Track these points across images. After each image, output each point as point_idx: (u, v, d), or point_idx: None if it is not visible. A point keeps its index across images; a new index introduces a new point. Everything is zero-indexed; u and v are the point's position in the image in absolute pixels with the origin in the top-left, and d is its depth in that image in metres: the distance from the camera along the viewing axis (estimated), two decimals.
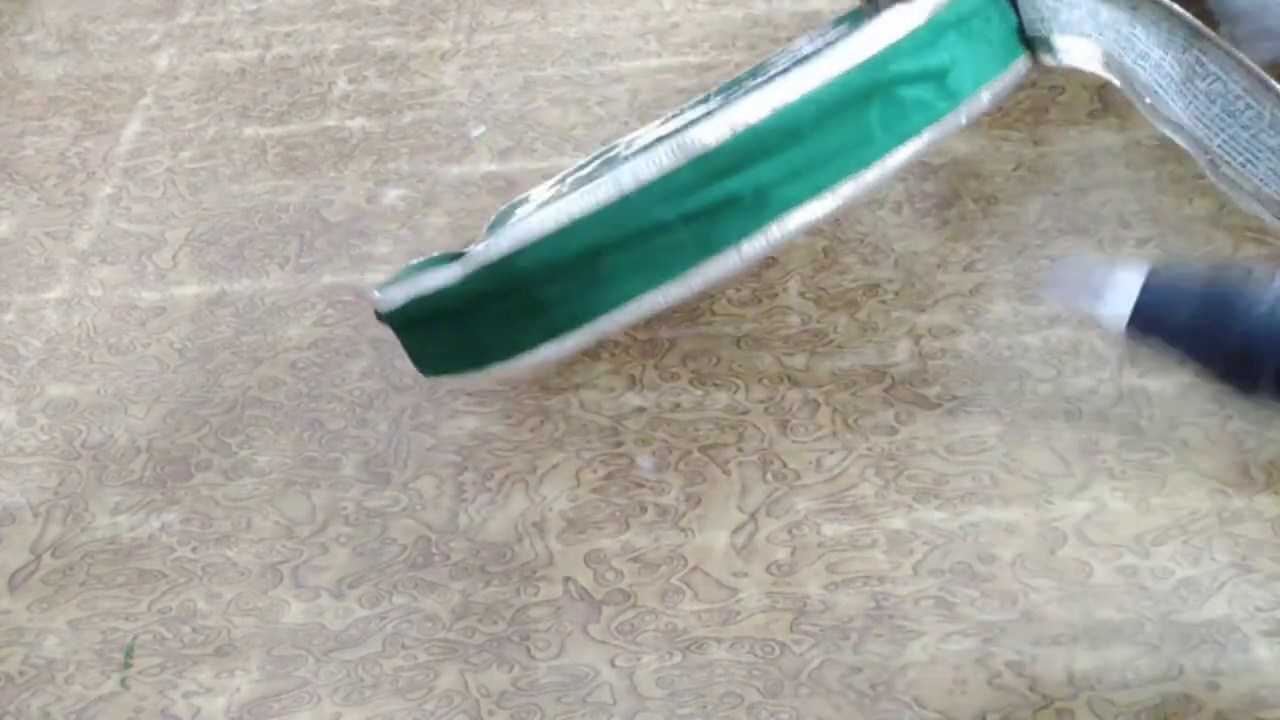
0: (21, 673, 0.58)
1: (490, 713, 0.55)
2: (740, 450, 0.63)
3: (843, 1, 0.66)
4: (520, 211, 0.69)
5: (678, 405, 0.65)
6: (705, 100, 0.71)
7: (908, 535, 0.58)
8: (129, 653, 0.58)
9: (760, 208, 0.49)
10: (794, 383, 0.65)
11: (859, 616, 0.56)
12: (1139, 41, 0.54)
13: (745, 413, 0.64)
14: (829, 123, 0.49)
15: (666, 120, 0.71)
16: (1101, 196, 0.71)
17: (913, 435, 0.62)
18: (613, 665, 0.56)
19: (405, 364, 0.68)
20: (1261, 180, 0.55)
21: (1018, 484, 0.59)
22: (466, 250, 0.66)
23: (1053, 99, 0.76)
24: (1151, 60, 0.54)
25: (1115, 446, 0.60)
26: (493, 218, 0.67)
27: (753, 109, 0.48)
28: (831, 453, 0.62)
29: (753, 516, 0.60)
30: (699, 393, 0.65)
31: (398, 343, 0.69)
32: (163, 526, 0.63)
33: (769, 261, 0.70)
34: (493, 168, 0.80)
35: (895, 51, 0.50)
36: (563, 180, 0.69)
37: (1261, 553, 0.56)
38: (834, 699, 0.53)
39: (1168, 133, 0.56)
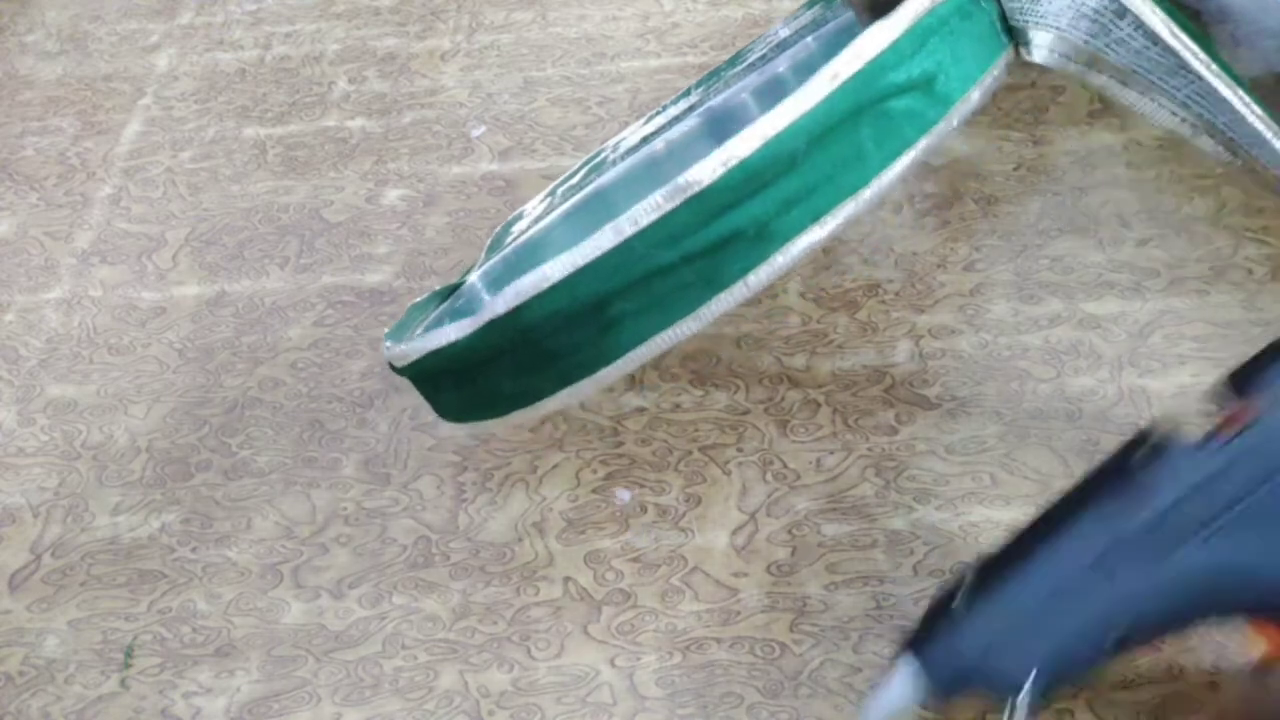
0: (21, 673, 0.58)
1: (490, 713, 0.55)
2: (740, 450, 0.63)
3: None
4: (516, 228, 0.68)
5: (678, 405, 0.65)
6: (686, 94, 0.71)
7: (908, 535, 0.58)
8: (129, 653, 0.58)
9: (762, 240, 0.49)
10: (794, 383, 0.65)
11: (859, 616, 0.56)
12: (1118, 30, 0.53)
13: (745, 413, 0.64)
14: (820, 148, 0.48)
15: (650, 119, 0.71)
16: (1101, 196, 0.71)
17: (913, 435, 0.62)
18: (613, 665, 0.56)
19: None
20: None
21: (1018, 484, 0.59)
22: (463, 279, 0.66)
23: (1053, 99, 0.76)
24: (1131, 48, 0.53)
25: (1115, 446, 0.60)
26: (489, 240, 0.67)
27: (742, 144, 0.47)
28: (831, 453, 0.62)
29: (753, 516, 0.60)
30: (699, 393, 0.65)
31: None
32: (163, 526, 0.63)
33: None
34: (493, 168, 0.80)
35: (879, 66, 0.49)
36: (553, 192, 0.69)
37: None
38: (834, 699, 0.53)
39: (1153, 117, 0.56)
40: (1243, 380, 0.43)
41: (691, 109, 0.71)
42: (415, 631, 0.58)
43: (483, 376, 0.54)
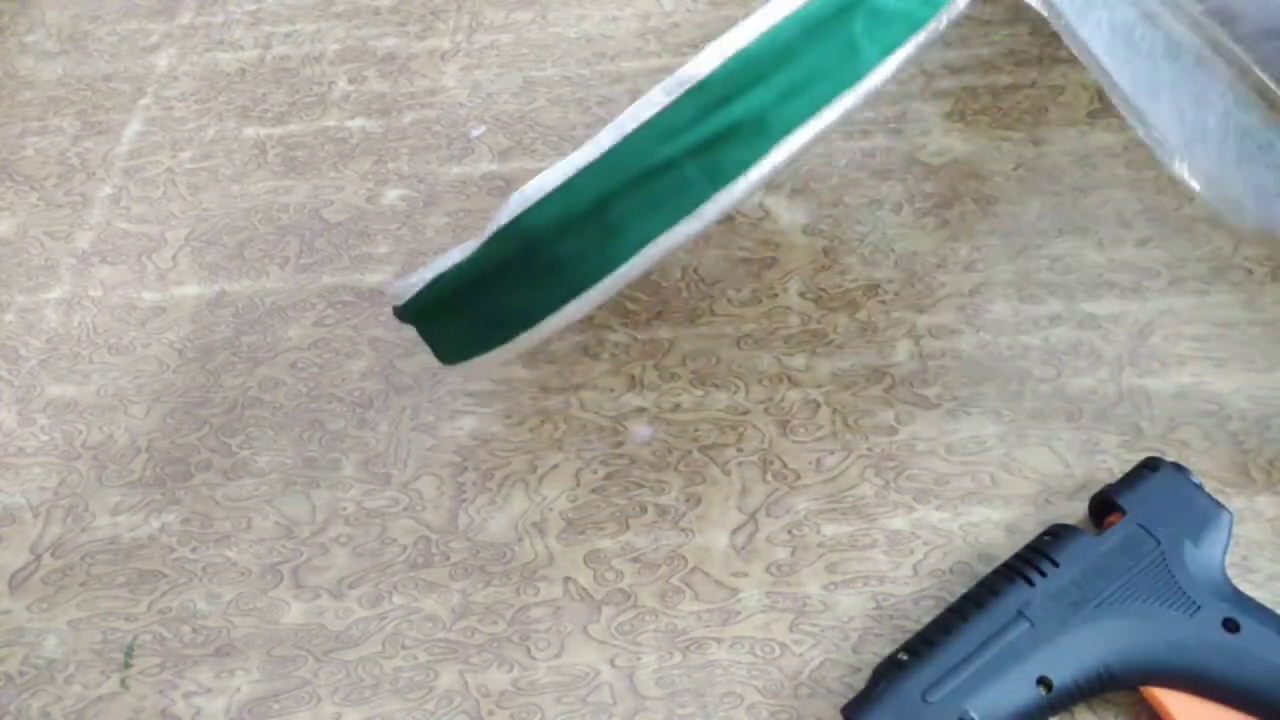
0: (21, 673, 0.58)
1: (490, 713, 0.55)
2: (740, 450, 0.63)
3: None
4: None
5: (678, 405, 0.65)
6: None
7: (908, 535, 0.58)
8: (129, 653, 0.58)
9: (761, 132, 0.48)
10: (794, 383, 0.65)
11: (859, 616, 0.56)
12: None
13: (745, 413, 0.64)
14: (815, 39, 0.48)
15: None
16: (1101, 196, 0.71)
17: (913, 435, 0.62)
18: (613, 665, 0.56)
19: (405, 364, 0.68)
20: (1162, 120, 0.54)
21: (1018, 484, 0.59)
22: None
23: (1053, 99, 0.76)
24: None
25: (1115, 446, 0.60)
26: None
27: (740, 35, 0.47)
28: (831, 453, 0.62)
29: (753, 516, 0.60)
30: (699, 393, 0.65)
31: (398, 343, 0.70)
32: (163, 526, 0.63)
33: (769, 261, 0.70)
34: (493, 168, 0.80)
35: None
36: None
37: (1261, 553, 0.56)
38: (834, 699, 0.53)
39: (1087, 65, 0.55)
40: (1117, 492, 0.54)
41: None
42: (415, 631, 0.58)
43: (485, 296, 0.52)
